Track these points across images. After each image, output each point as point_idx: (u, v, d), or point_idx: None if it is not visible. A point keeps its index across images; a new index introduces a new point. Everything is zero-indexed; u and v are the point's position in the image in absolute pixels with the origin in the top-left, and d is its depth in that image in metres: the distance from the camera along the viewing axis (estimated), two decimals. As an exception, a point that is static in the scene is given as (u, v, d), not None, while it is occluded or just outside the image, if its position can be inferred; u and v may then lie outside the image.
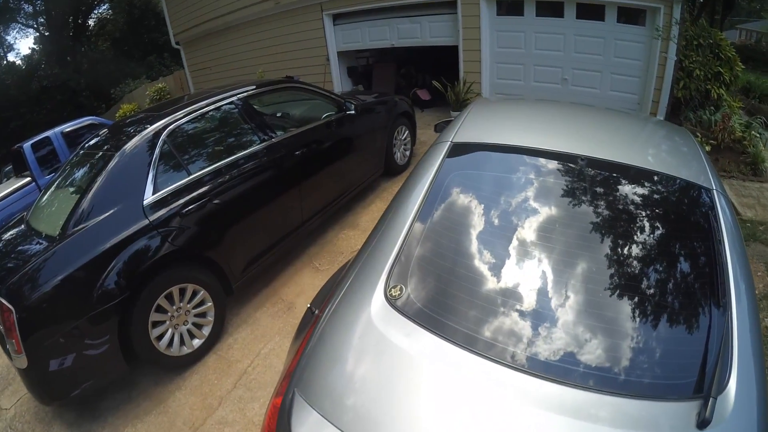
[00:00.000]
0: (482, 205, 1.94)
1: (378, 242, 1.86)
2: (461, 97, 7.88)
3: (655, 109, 6.81)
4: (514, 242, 1.74)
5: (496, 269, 1.67)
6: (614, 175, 2.02)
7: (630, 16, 6.87)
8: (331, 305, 1.71)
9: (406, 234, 1.80)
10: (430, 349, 1.43)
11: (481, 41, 7.79)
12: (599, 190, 1.95)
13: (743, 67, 6.93)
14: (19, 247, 2.97)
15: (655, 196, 1.97)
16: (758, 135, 5.86)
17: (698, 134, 5.69)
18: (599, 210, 1.86)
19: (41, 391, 2.65)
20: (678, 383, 1.31)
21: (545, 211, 1.86)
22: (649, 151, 2.43)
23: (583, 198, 1.90)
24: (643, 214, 1.87)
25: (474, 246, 1.78)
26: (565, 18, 7.19)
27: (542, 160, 2.11)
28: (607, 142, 2.40)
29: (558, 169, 2.05)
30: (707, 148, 5.31)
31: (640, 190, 1.96)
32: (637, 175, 2.01)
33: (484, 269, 1.68)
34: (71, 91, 21.78)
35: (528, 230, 1.79)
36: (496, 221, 1.87)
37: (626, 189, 1.96)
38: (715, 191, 1.93)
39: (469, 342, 1.43)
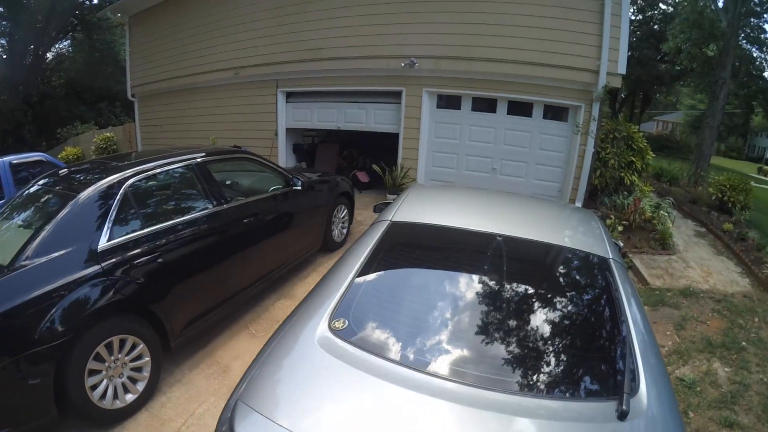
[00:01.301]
0: (414, 267, 2.55)
1: (324, 287, 2.22)
2: (398, 182, 8.40)
3: (574, 196, 7.54)
4: (440, 289, 2.28)
5: (426, 308, 2.13)
6: (527, 248, 2.55)
7: (555, 112, 7.78)
8: (275, 338, 1.97)
9: (350, 281, 2.16)
10: (365, 363, 1.70)
11: (421, 131, 8.43)
12: (513, 259, 2.44)
13: (654, 155, 7.96)
14: None
15: (562, 263, 2.53)
16: (666, 214, 6.63)
17: (612, 216, 6.39)
18: (514, 272, 2.37)
19: None
20: (602, 389, 1.73)
21: (467, 271, 2.39)
22: (557, 229, 3.07)
23: (500, 264, 2.38)
24: (552, 276, 2.42)
25: (405, 294, 2.27)
26: (497, 113, 8.01)
27: (466, 236, 2.64)
28: (523, 223, 2.98)
29: (479, 243, 2.57)
30: (620, 228, 5.97)
31: (549, 260, 2.52)
32: (546, 248, 2.57)
33: (415, 311, 2.11)
34: (16, 122, 20.59)
35: (450, 283, 2.32)
36: (425, 277, 2.44)
37: (537, 259, 2.55)
38: (611, 260, 2.43)
39: (402, 359, 1.75)
